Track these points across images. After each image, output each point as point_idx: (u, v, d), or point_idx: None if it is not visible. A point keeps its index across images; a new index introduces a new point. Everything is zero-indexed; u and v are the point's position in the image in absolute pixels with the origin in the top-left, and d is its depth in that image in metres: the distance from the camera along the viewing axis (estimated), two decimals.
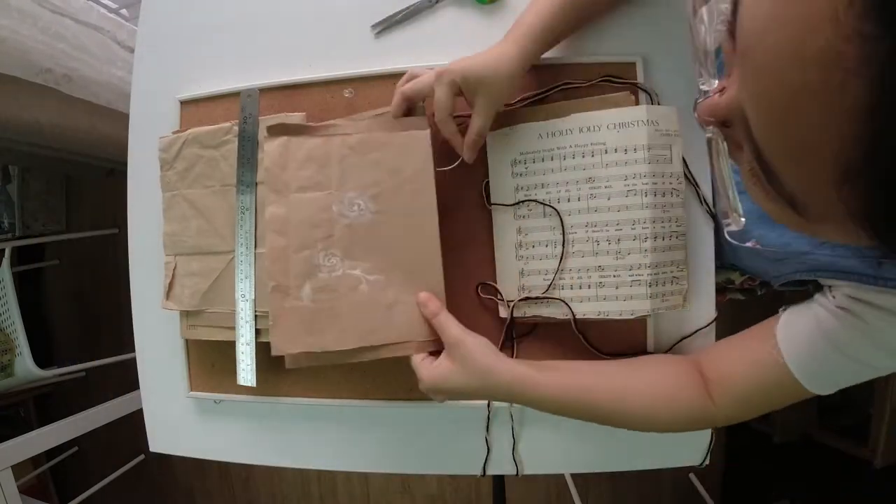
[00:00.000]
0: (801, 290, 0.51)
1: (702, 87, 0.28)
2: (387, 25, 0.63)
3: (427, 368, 0.52)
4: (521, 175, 0.57)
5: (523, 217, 0.58)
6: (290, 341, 0.53)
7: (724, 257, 0.60)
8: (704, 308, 0.59)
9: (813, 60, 0.18)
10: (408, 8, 0.63)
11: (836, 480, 1.29)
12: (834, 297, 0.44)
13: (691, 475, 1.43)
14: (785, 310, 0.48)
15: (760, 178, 0.25)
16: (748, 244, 0.52)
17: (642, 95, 0.57)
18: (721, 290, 0.82)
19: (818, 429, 1.29)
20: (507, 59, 0.51)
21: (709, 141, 0.29)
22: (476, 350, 0.51)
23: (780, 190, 0.24)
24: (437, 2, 0.62)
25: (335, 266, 0.54)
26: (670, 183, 0.54)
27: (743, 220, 0.30)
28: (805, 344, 0.45)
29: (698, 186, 0.57)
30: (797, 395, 0.46)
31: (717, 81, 0.28)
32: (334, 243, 0.54)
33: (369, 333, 0.54)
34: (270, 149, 0.55)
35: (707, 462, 0.60)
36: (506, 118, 0.58)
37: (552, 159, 0.56)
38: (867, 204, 0.20)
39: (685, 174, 0.57)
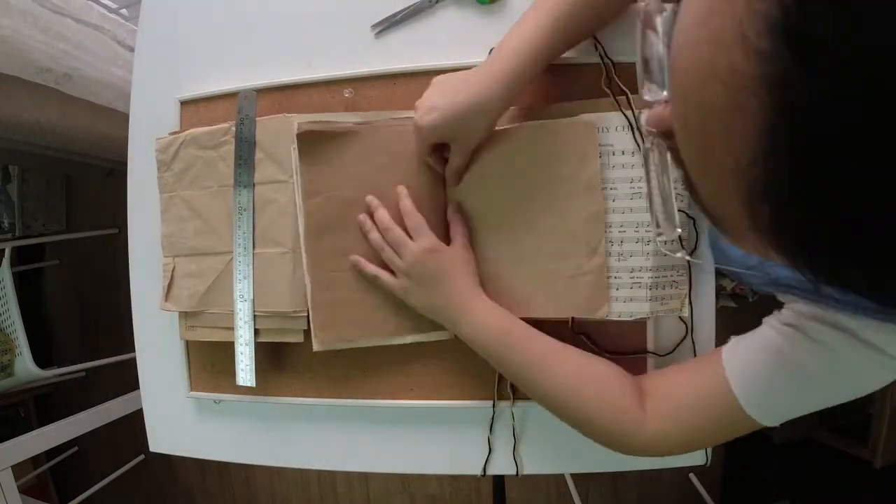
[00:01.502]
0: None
1: (645, 97, 0.28)
2: (387, 25, 0.63)
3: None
4: None
5: None
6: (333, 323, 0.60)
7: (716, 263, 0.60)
8: (705, 310, 0.58)
9: (720, 80, 0.18)
10: (408, 8, 0.63)
11: (836, 480, 1.29)
12: (782, 314, 0.43)
13: (691, 475, 1.43)
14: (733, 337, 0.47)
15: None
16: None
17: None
18: None
19: (818, 429, 1.29)
20: (487, 100, 0.49)
21: (646, 152, 0.29)
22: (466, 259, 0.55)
23: (701, 204, 0.24)
24: (437, 2, 0.62)
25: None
26: (674, 188, 0.54)
27: (679, 231, 0.29)
28: (749, 363, 0.43)
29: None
30: (733, 421, 0.43)
31: (663, 93, 0.27)
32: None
33: (395, 317, 0.60)
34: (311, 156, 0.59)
35: (708, 462, 0.60)
36: (517, 115, 0.58)
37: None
38: (775, 224, 0.19)
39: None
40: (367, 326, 0.60)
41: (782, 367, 0.41)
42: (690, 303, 0.56)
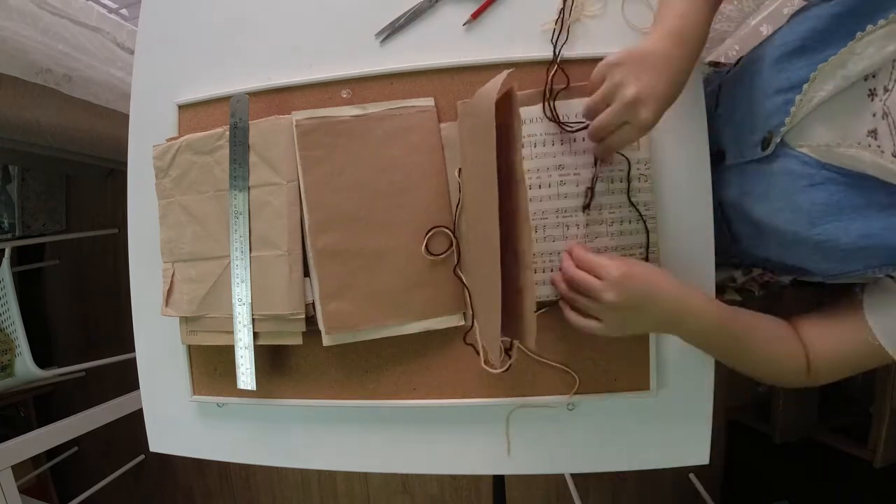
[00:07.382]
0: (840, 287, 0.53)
1: None
2: (391, 31, 0.63)
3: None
4: None
5: None
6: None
7: (743, 253, 0.60)
8: None
9: None
10: (409, 11, 0.62)
11: (836, 480, 1.29)
12: None
13: (691, 475, 1.43)
14: (862, 293, 0.51)
15: None
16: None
17: None
18: (720, 289, 0.82)
19: (818, 429, 1.29)
20: (681, 70, 0.48)
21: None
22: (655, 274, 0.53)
23: None
24: (436, 1, 0.62)
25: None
26: (637, 169, 0.56)
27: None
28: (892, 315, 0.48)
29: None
30: (883, 360, 0.49)
31: None
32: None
33: (403, 306, 0.61)
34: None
35: (707, 462, 0.60)
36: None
37: (524, 147, 0.57)
38: None
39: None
40: (375, 316, 0.60)
41: None
42: None
